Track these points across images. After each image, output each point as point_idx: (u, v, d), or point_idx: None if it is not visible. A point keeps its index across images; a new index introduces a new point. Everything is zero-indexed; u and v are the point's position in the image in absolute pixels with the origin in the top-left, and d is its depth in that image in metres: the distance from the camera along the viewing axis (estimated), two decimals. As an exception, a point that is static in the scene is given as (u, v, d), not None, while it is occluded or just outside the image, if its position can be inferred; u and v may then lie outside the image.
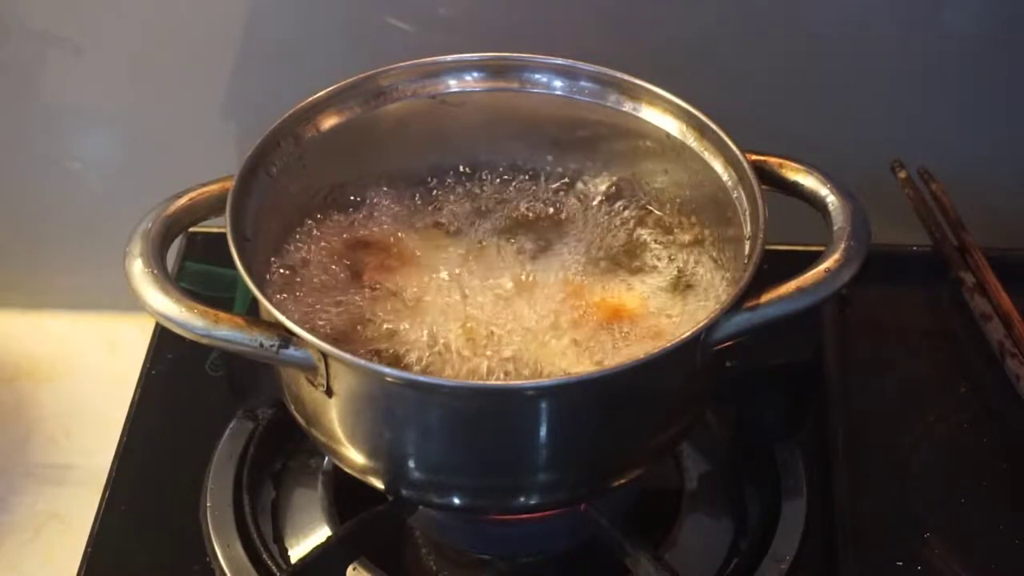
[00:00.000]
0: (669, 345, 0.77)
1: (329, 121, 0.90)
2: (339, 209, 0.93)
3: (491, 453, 0.80)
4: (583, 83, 0.92)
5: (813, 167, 0.86)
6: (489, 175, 0.96)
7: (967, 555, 0.91)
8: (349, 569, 0.89)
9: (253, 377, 0.96)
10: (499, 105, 0.93)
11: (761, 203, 0.83)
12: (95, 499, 0.95)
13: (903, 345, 1.05)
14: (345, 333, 0.85)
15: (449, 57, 0.92)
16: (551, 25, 1.09)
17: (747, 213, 0.85)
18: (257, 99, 1.09)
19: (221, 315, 0.77)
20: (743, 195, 0.85)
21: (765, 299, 0.79)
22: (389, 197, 0.95)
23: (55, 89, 1.15)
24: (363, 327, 0.86)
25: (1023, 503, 0.95)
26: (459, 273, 0.90)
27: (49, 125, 1.17)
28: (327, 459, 0.95)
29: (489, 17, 1.10)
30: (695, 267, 0.90)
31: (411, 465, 0.82)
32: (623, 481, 0.85)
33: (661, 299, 0.88)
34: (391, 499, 0.88)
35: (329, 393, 0.79)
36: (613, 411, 0.79)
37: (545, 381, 0.81)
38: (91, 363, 1.17)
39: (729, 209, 0.87)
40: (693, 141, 0.89)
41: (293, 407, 0.86)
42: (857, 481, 0.93)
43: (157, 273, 0.79)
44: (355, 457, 0.83)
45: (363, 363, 0.77)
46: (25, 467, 1.08)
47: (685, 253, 0.91)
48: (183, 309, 0.77)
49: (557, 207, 0.95)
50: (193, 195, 0.84)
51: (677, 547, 0.91)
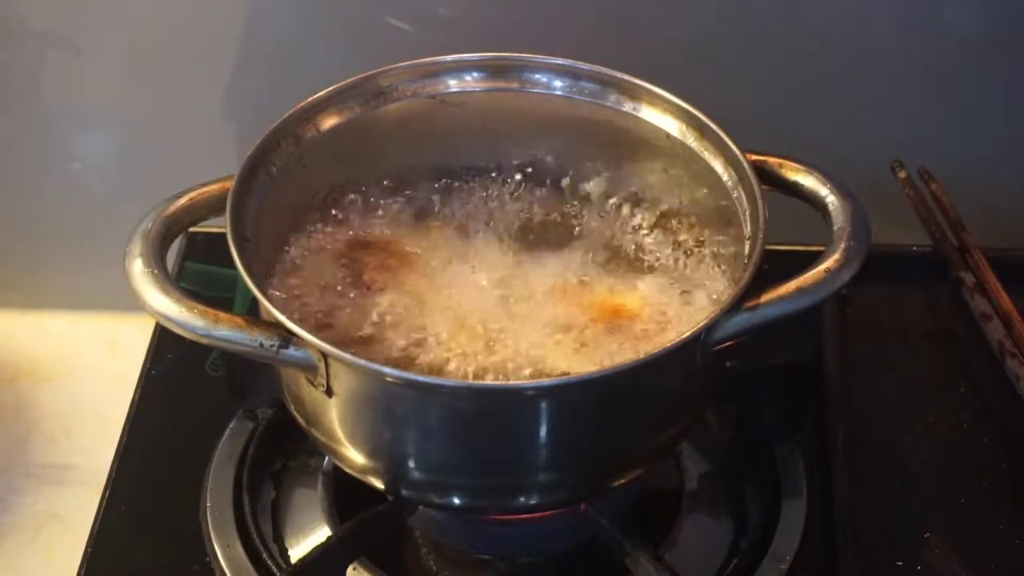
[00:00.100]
0: (669, 345, 0.77)
1: (329, 121, 0.90)
2: (339, 209, 0.93)
3: (491, 453, 0.80)
4: (583, 83, 0.92)
5: (813, 167, 0.86)
6: (489, 175, 0.96)
7: (967, 555, 0.91)
8: (349, 569, 0.89)
9: (253, 377, 0.96)
10: (499, 105, 0.93)
11: (761, 203, 0.83)
12: (95, 499, 0.95)
13: (903, 345, 1.05)
14: (345, 333, 0.85)
15: (449, 57, 0.92)
16: (551, 25, 1.09)
17: (747, 213, 0.85)
18: (257, 99, 1.09)
19: (221, 315, 0.77)
20: (743, 195, 0.85)
21: (765, 299, 0.79)
22: (389, 197, 0.95)
23: (55, 89, 1.15)
24: (363, 327, 0.86)
25: (1023, 503, 0.95)
26: (459, 273, 0.90)
27: (49, 125, 1.17)
28: (327, 459, 0.95)
29: (489, 17, 1.10)
30: (695, 267, 0.90)
31: (411, 465, 0.82)
32: (623, 481, 0.85)
33: (661, 299, 0.88)
34: (391, 499, 0.88)
35: (329, 393, 0.79)
36: (613, 411, 0.79)
37: (545, 381, 0.81)
38: (91, 363, 1.16)
39: (729, 209, 0.87)
40: (693, 141, 0.89)
41: (293, 407, 0.86)
42: (857, 481, 0.93)
43: (157, 273, 0.79)
44: (355, 457, 0.83)
45: (363, 363, 0.77)
46: (25, 467, 1.08)
47: (685, 253, 0.91)
48: (183, 309, 0.77)
49: (557, 207, 0.95)
50: (193, 195, 0.84)
51: (677, 547, 0.91)
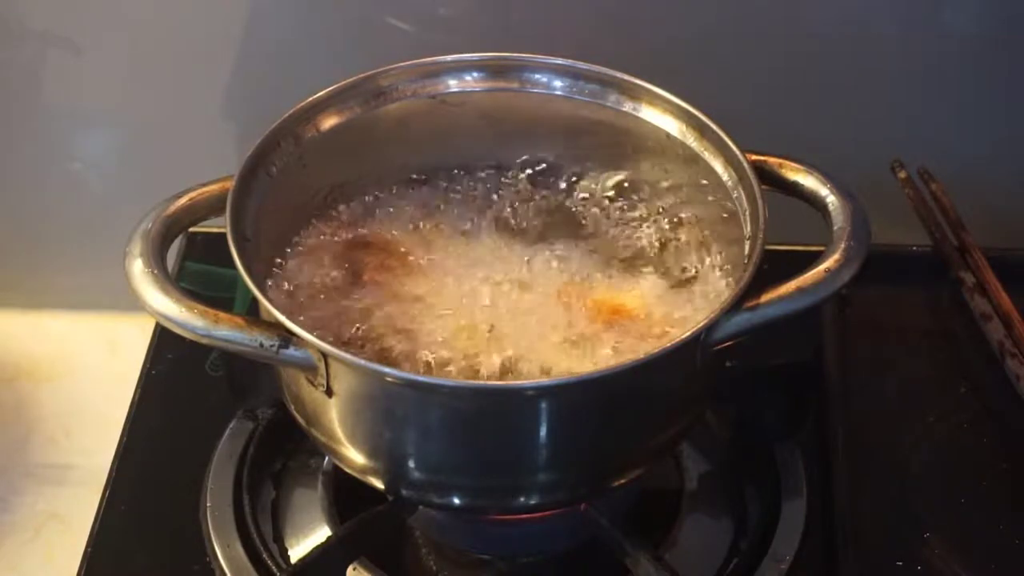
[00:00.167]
0: (669, 345, 0.77)
1: (329, 121, 0.90)
2: (339, 209, 0.93)
3: (491, 453, 0.80)
4: (583, 83, 0.92)
5: (813, 167, 0.86)
6: (489, 175, 0.96)
7: (967, 555, 0.91)
8: (349, 569, 0.89)
9: (253, 377, 0.96)
10: (499, 105, 0.93)
11: (761, 203, 0.83)
12: (95, 499, 0.94)
13: (903, 345, 1.05)
14: (345, 333, 0.85)
15: (449, 57, 0.92)
16: (551, 25, 1.09)
17: (747, 213, 0.85)
18: (257, 99, 1.09)
19: (221, 315, 0.77)
20: (743, 195, 0.85)
21: (765, 299, 0.79)
22: (389, 197, 0.95)
23: (55, 89, 1.15)
24: (363, 327, 0.86)
25: (1023, 503, 0.95)
26: (459, 273, 0.90)
27: (49, 125, 1.17)
28: (327, 459, 0.95)
29: (489, 17, 1.10)
30: (695, 267, 0.90)
31: (411, 465, 0.82)
32: (623, 481, 0.85)
33: (661, 299, 0.88)
34: (391, 499, 0.88)
35: (329, 393, 0.79)
36: (613, 411, 0.79)
37: (545, 381, 0.81)
38: (91, 363, 1.16)
39: (729, 209, 0.87)
40: (693, 141, 0.89)
41: (293, 407, 0.86)
42: (857, 481, 0.93)
43: (157, 273, 0.79)
44: (355, 457, 0.83)
45: (363, 363, 0.77)
46: (25, 467, 1.08)
47: (685, 253, 0.91)
48: (183, 309, 0.77)
49: (557, 207, 0.95)
50: (193, 195, 0.84)
51: (677, 547, 0.91)
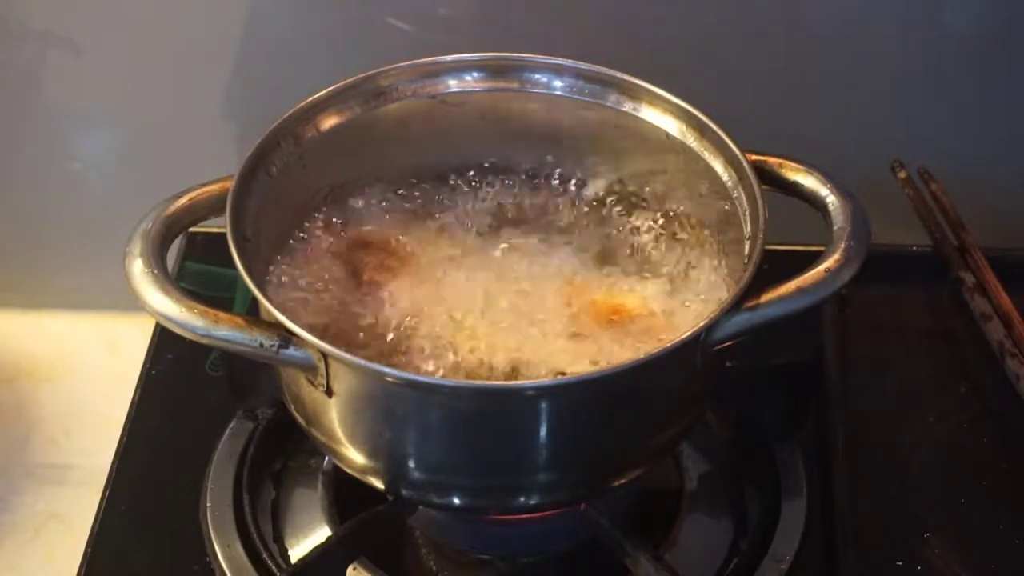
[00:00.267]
0: (669, 345, 0.77)
1: (329, 121, 0.90)
2: (339, 209, 0.93)
3: (491, 453, 0.80)
4: (583, 83, 0.92)
5: (813, 167, 0.86)
6: (489, 175, 0.96)
7: (967, 555, 0.91)
8: (349, 569, 0.89)
9: (253, 377, 0.96)
10: (499, 105, 0.93)
11: (761, 203, 0.82)
12: (95, 499, 0.94)
13: (903, 345, 1.05)
14: (345, 333, 0.85)
15: (449, 57, 0.92)
16: (551, 25, 1.09)
17: (747, 213, 0.84)
18: (257, 99, 1.09)
19: (221, 315, 0.77)
20: (743, 195, 0.85)
21: (765, 299, 0.79)
22: (389, 197, 0.95)
23: (55, 89, 1.15)
24: (363, 327, 0.86)
25: (1023, 503, 0.95)
26: (459, 273, 0.90)
27: (49, 125, 1.17)
28: (327, 459, 0.95)
29: (489, 17, 1.10)
30: (695, 267, 0.90)
31: (411, 465, 0.82)
32: (623, 481, 0.85)
33: (661, 299, 0.88)
34: (391, 499, 0.88)
35: (329, 393, 0.79)
36: (613, 411, 0.79)
37: (545, 381, 0.81)
38: (91, 363, 1.16)
39: (729, 209, 0.87)
40: (693, 141, 0.89)
41: (293, 407, 0.86)
42: (857, 481, 0.93)
43: (157, 273, 0.79)
44: (355, 457, 0.83)
45: (363, 363, 0.77)
46: (25, 467, 1.08)
47: (685, 253, 0.91)
48: (183, 309, 0.77)
49: (557, 207, 0.95)
50: (193, 195, 0.84)
51: (677, 547, 0.91)
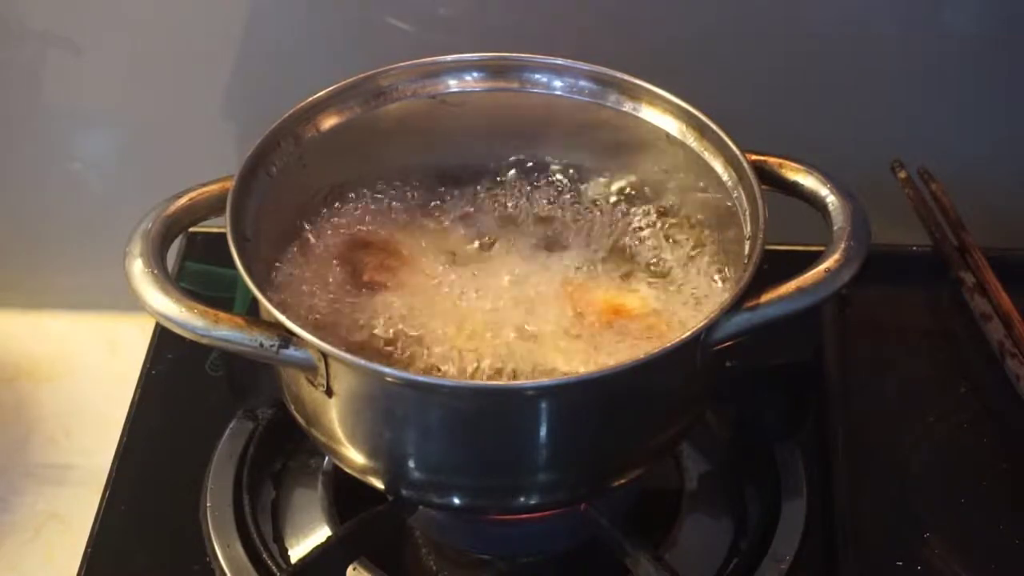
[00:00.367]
0: (669, 345, 0.77)
1: (329, 121, 0.90)
2: (339, 209, 0.93)
3: (491, 453, 0.80)
4: (583, 83, 0.92)
5: (813, 167, 0.86)
6: (489, 175, 0.96)
7: (967, 555, 0.91)
8: (349, 569, 0.89)
9: (253, 377, 0.96)
10: (499, 105, 0.93)
11: (761, 203, 0.82)
12: (95, 499, 0.94)
13: (903, 345, 1.05)
14: (345, 333, 0.85)
15: (449, 57, 0.92)
16: (551, 25, 1.09)
17: (747, 213, 0.85)
18: (257, 99, 1.09)
19: (221, 315, 0.77)
20: (743, 195, 0.85)
21: (765, 299, 0.79)
22: (389, 197, 0.95)
23: (55, 89, 1.15)
24: (363, 327, 0.86)
25: (1023, 503, 0.95)
26: (459, 273, 0.90)
27: (49, 125, 1.17)
28: (327, 459, 0.95)
29: (489, 17, 1.10)
30: (695, 267, 0.90)
31: (411, 465, 0.82)
32: (623, 481, 0.85)
33: (661, 299, 0.88)
34: (391, 499, 0.88)
35: (329, 393, 0.79)
36: (613, 411, 0.79)
37: (545, 381, 0.81)
38: (91, 363, 1.16)
39: (729, 209, 0.87)
40: (693, 141, 0.89)
41: (293, 407, 0.86)
42: (857, 481, 0.93)
43: (157, 273, 0.79)
44: (355, 457, 0.83)
45: (363, 363, 0.77)
46: (25, 467, 1.08)
47: (685, 253, 0.91)
48: (183, 309, 0.77)
49: (557, 207, 0.95)
50: (193, 195, 0.84)
51: (677, 547, 0.91)
